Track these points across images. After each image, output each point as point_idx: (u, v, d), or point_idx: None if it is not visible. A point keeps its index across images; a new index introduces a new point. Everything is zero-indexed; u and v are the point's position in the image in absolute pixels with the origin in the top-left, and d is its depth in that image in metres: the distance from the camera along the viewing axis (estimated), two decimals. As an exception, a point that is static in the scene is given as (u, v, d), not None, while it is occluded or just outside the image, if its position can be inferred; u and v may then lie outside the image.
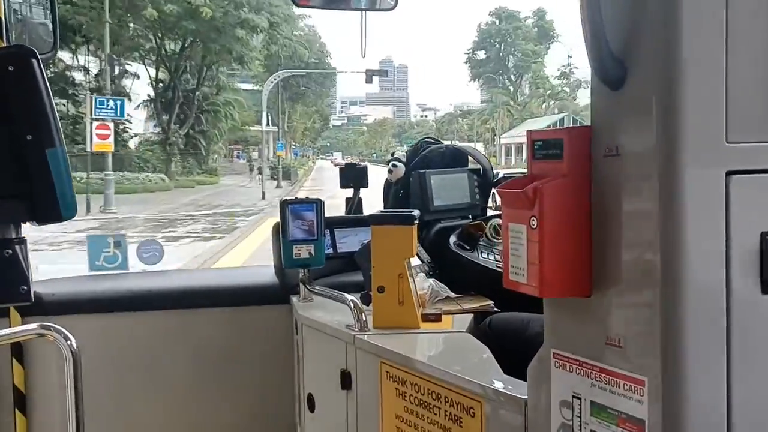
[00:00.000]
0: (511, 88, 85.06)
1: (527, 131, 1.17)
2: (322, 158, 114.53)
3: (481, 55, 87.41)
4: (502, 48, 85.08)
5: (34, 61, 1.08)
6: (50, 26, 2.62)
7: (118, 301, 2.53)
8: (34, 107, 1.06)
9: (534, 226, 1.08)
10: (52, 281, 2.55)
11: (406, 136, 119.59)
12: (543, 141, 1.13)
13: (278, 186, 38.42)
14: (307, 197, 2.37)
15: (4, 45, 2.33)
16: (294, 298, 2.37)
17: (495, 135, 77.07)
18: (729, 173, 0.95)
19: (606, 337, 1.07)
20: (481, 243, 2.45)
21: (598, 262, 1.09)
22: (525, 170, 1.20)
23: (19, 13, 2.71)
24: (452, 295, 2.16)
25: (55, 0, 2.59)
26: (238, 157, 67.21)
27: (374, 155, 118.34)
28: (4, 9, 2.37)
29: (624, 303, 1.05)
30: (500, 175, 2.75)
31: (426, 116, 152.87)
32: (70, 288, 2.55)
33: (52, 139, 1.07)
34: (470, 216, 2.64)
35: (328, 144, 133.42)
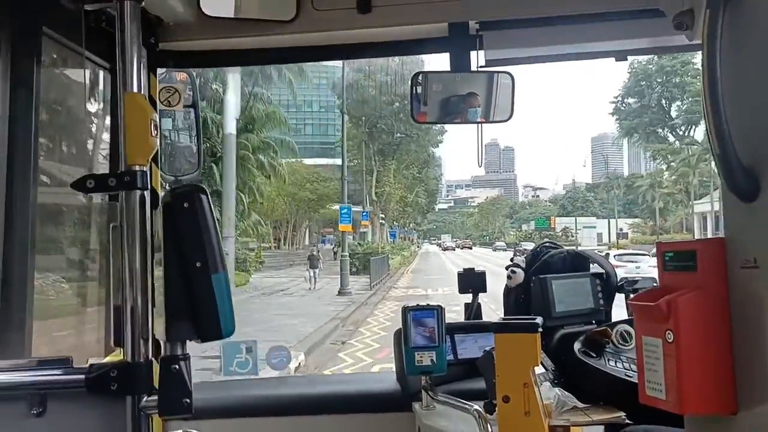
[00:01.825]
0: (677, 143, 61.53)
1: (656, 243, 1.18)
2: (428, 242, 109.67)
3: (633, 103, 65.31)
4: (663, 92, 62.15)
5: (204, 197, 1.23)
6: (194, 148, 2.92)
7: (249, 406, 2.63)
8: (203, 238, 1.21)
9: (670, 340, 1.06)
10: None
11: (518, 217, 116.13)
12: (674, 252, 1.13)
13: (342, 290, 24.50)
14: (420, 304, 2.36)
15: (158, 169, 2.62)
16: (416, 405, 2.37)
17: (667, 205, 59.50)
18: None
19: None
20: (607, 350, 2.37)
21: (742, 377, 1.05)
22: None
23: (168, 138, 3.05)
24: (580, 405, 2.09)
25: (200, 125, 2.90)
26: (322, 241, 53.71)
27: (485, 237, 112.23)
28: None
29: None
30: (622, 277, 2.68)
31: (538, 196, 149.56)
32: (204, 393, 2.69)
33: (216, 265, 1.21)
34: (594, 321, 2.57)
35: (435, 227, 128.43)
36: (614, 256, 28.91)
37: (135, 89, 1.29)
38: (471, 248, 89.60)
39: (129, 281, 1.25)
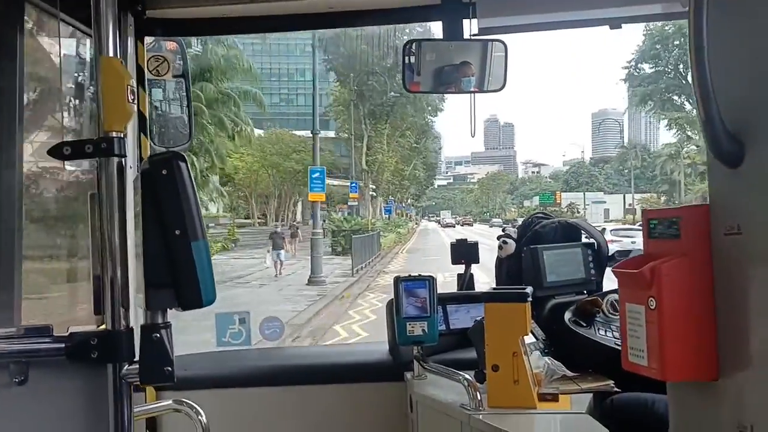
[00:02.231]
0: (695, 111, 56.10)
1: (643, 210, 1.17)
2: (426, 219, 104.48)
3: (648, 68, 57.67)
4: (680, 55, 53.87)
5: (183, 164, 1.22)
6: (186, 120, 2.90)
7: (241, 377, 2.65)
8: (182, 205, 1.20)
9: (653, 307, 1.06)
10: (182, 357, 2.72)
11: (518, 193, 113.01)
12: (659, 220, 1.13)
13: (312, 278, 19.82)
14: (420, 274, 2.38)
15: (147, 140, 2.61)
16: (408, 375, 2.39)
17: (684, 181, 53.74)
18: None
19: (738, 424, 1.02)
20: (597, 319, 2.38)
21: (725, 343, 1.05)
22: None
23: (159, 109, 3.02)
24: (569, 373, 2.10)
25: (190, 96, 2.87)
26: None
27: (486, 214, 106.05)
28: (148, 107, 2.67)
29: (756, 385, 1.00)
30: (615, 250, 2.69)
31: (538, 172, 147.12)
32: (199, 364, 2.71)
33: (196, 233, 1.21)
34: (585, 291, 2.58)
35: (434, 203, 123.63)
36: (610, 231, 28.70)
37: (111, 54, 1.26)
38: (472, 225, 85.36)
39: (108, 250, 1.25)
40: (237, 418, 2.56)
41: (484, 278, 4.17)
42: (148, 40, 2.63)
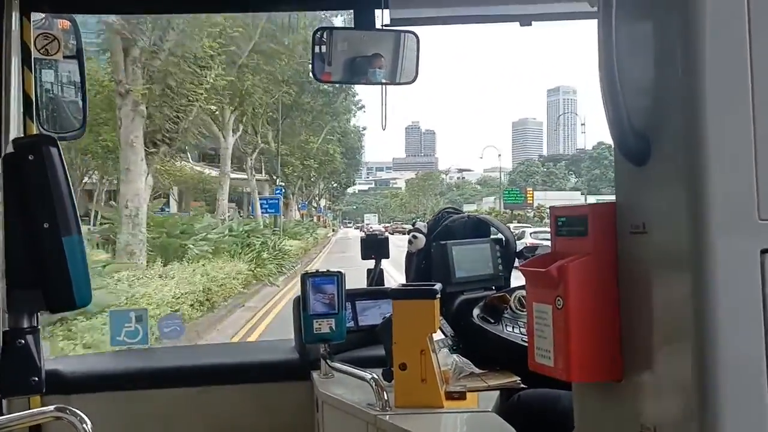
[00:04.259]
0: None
1: (550, 207, 1.15)
2: (348, 224, 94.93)
3: None
4: None
5: (54, 149, 1.09)
6: (80, 104, 2.70)
7: (137, 378, 2.49)
8: (52, 195, 1.07)
9: (560, 306, 1.04)
10: (73, 358, 2.54)
11: (447, 199, 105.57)
12: (567, 218, 1.11)
13: None
14: (328, 270, 2.32)
15: (33, 124, 2.40)
16: (315, 374, 2.32)
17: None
18: (765, 251, 0.91)
19: (640, 425, 1.01)
20: (505, 315, 2.39)
21: (628, 344, 1.04)
22: None
23: (51, 92, 2.80)
24: (477, 371, 2.10)
25: (85, 80, 2.68)
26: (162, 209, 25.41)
27: (418, 219, 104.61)
28: (35, 89, 2.46)
29: (657, 387, 0.99)
30: (523, 245, 2.71)
31: (463, 177, 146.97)
32: (91, 365, 2.53)
33: (69, 227, 1.08)
34: (493, 287, 2.59)
35: (355, 207, 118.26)
36: (530, 233, 28.74)
37: None
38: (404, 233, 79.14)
39: None
40: (131, 423, 2.41)
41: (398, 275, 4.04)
42: (37, 17, 2.42)
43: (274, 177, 39.37)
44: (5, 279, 1.06)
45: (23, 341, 1.09)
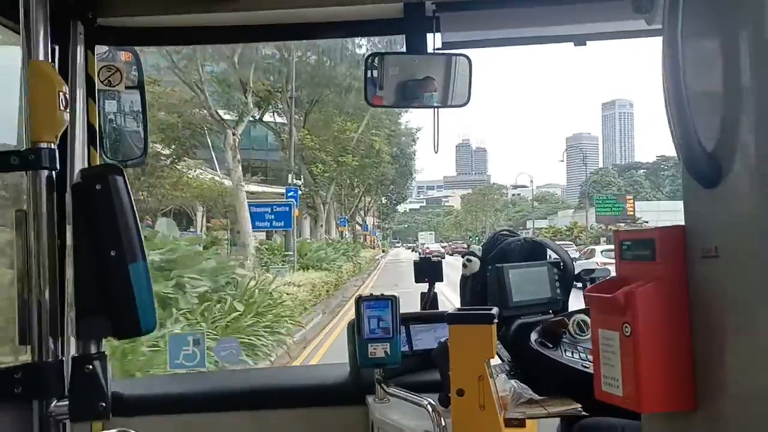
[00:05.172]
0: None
1: (614, 232, 1.12)
2: (400, 244, 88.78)
3: None
4: None
5: (120, 178, 1.12)
6: (141, 133, 2.79)
7: (195, 401, 2.52)
8: (119, 223, 1.10)
9: (627, 334, 1.00)
10: (134, 380, 2.59)
11: (506, 216, 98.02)
12: (632, 241, 1.07)
13: None
14: (382, 294, 2.33)
15: (96, 153, 2.48)
16: (370, 399, 2.30)
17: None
18: None
19: None
20: (564, 340, 2.33)
21: (702, 372, 0.99)
22: None
23: (114, 122, 2.90)
24: (536, 397, 2.04)
25: (146, 109, 2.77)
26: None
27: (475, 238, 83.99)
28: (99, 119, 2.55)
29: (734, 417, 0.94)
30: (581, 269, 2.65)
31: (519, 194, 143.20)
32: (150, 388, 2.58)
33: (135, 254, 1.10)
34: (551, 311, 2.53)
35: (406, 226, 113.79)
36: (601, 252, 27.44)
37: (42, 58, 1.16)
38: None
39: (36, 272, 1.13)
40: None
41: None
42: (101, 49, 2.52)
43: (296, 181, 26.33)
44: (75, 306, 1.09)
45: (91, 367, 1.11)
